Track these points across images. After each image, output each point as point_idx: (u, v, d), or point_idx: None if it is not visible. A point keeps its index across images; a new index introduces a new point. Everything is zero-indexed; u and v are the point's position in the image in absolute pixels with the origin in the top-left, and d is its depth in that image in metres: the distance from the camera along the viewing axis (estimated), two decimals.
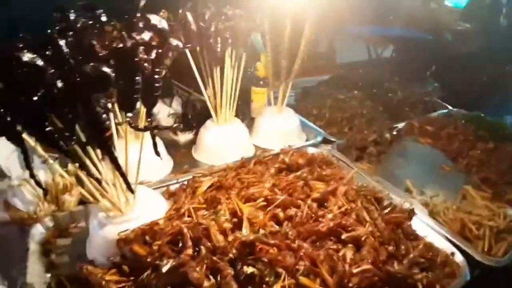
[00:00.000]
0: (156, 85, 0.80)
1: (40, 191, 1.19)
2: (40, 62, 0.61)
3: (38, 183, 0.82)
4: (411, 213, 1.08)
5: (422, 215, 1.15)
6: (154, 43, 0.70)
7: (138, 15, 0.71)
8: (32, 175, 0.79)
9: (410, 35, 2.87)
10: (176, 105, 1.75)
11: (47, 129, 0.69)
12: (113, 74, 0.65)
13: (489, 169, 1.40)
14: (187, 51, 1.28)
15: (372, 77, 2.15)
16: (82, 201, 1.14)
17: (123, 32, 0.69)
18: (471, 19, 2.75)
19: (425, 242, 1.02)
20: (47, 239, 1.06)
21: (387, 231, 0.91)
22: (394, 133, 1.57)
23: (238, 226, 0.88)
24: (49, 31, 0.68)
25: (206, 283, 0.75)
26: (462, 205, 1.25)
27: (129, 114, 0.79)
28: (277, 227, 0.91)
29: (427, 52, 2.67)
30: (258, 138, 1.56)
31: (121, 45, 0.68)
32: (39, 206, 1.13)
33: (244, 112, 1.73)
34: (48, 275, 0.96)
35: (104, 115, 0.69)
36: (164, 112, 1.72)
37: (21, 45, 0.63)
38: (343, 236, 0.87)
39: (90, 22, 0.71)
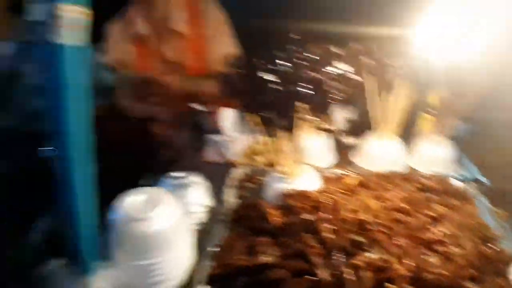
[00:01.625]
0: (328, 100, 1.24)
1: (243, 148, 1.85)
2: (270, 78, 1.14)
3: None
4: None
5: None
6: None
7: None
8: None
9: None
10: (353, 113, 2.14)
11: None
12: (304, 91, 1.12)
13: None
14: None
15: None
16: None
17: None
18: None
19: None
20: (241, 180, 1.67)
21: (474, 257, 1.10)
22: None
23: None
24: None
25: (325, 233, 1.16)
26: None
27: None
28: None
29: None
30: (412, 159, 1.81)
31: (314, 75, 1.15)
32: (241, 158, 1.77)
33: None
34: (235, 200, 1.55)
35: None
36: (342, 116, 2.14)
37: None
38: (436, 247, 1.12)
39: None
